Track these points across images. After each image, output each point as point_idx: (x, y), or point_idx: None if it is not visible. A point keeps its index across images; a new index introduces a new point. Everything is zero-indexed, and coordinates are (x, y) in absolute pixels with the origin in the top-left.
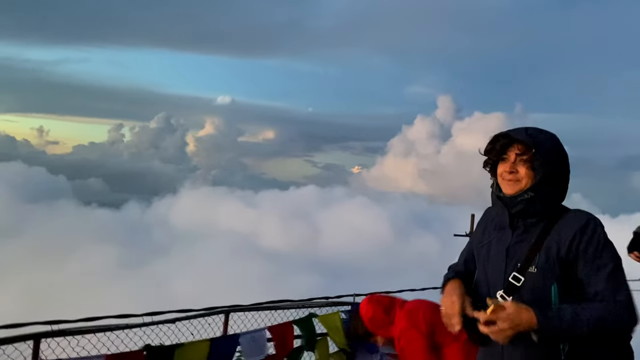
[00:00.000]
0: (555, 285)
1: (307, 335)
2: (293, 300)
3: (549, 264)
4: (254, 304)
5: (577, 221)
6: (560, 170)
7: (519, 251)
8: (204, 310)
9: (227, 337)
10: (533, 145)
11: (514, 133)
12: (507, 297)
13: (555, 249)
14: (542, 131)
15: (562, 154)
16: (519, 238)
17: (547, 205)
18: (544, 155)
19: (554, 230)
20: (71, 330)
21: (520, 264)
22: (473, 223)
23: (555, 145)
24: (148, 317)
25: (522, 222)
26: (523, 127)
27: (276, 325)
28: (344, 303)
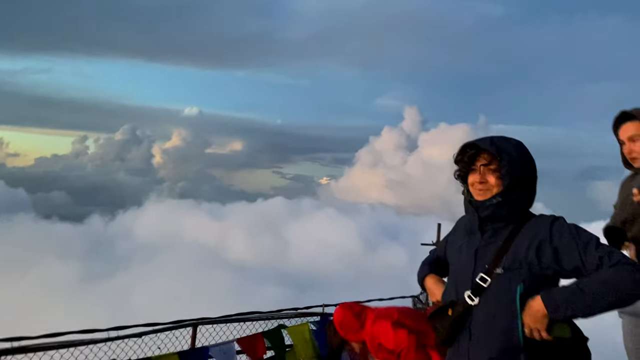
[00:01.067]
0: (520, 286)
1: (277, 347)
2: (262, 311)
3: (515, 266)
4: (222, 316)
5: (544, 221)
6: (527, 175)
7: (487, 253)
8: (171, 323)
9: (195, 350)
10: (498, 154)
11: (481, 143)
12: (474, 298)
13: (523, 251)
14: (508, 139)
15: (527, 161)
16: (487, 241)
17: (514, 210)
18: (509, 163)
19: (521, 233)
20: (33, 346)
21: (488, 265)
22: (440, 232)
23: (521, 152)
24: (113, 332)
25: (490, 225)
26: (489, 136)
27: (245, 337)
28: (313, 314)
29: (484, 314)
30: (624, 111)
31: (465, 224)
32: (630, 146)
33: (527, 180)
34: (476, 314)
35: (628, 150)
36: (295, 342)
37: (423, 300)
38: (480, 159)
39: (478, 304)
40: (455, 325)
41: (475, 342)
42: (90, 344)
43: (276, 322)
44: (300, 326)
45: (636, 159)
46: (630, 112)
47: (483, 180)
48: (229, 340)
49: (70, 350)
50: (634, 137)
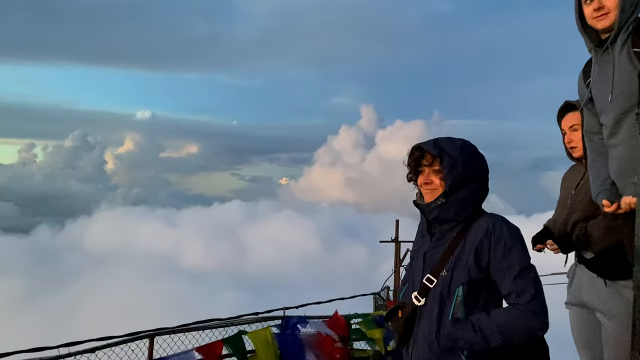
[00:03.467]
0: (460, 288)
1: (238, 354)
2: (221, 318)
3: (458, 268)
4: (180, 326)
5: (484, 224)
6: (471, 174)
7: (435, 256)
8: (126, 336)
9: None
10: (439, 155)
11: (424, 145)
12: (420, 299)
13: (466, 253)
14: (452, 140)
15: (471, 159)
16: (435, 244)
17: (460, 209)
18: (450, 163)
19: (468, 234)
20: None
21: (434, 267)
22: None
23: (465, 151)
24: (64, 349)
25: (438, 227)
26: (435, 138)
27: (205, 345)
28: (274, 317)
29: (427, 315)
30: (568, 101)
31: (421, 229)
32: (570, 135)
33: (472, 178)
34: (422, 315)
35: (568, 140)
36: (256, 347)
37: (384, 297)
38: (425, 160)
39: (424, 304)
40: (406, 327)
41: (419, 343)
42: None
43: (236, 328)
44: (261, 331)
45: (575, 149)
46: (573, 102)
47: (428, 181)
48: (187, 349)
49: None
50: (574, 127)
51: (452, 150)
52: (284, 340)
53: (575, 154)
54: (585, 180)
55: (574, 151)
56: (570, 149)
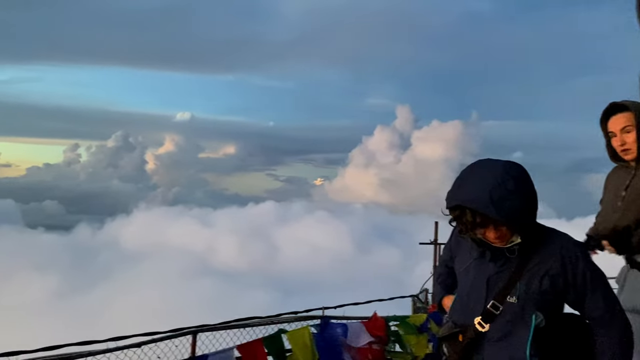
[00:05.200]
0: (534, 315)
1: (277, 352)
2: (261, 317)
3: (529, 294)
4: (221, 323)
5: (555, 247)
6: (532, 208)
7: (500, 281)
8: (171, 331)
9: (195, 358)
10: (506, 222)
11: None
12: (484, 325)
13: (537, 280)
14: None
15: (528, 195)
16: (500, 268)
17: (528, 237)
18: (520, 221)
19: (534, 259)
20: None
21: (500, 293)
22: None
23: (522, 195)
24: (112, 343)
25: (497, 256)
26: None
27: (245, 343)
28: (312, 317)
29: (495, 342)
30: (614, 103)
31: (471, 245)
32: (622, 137)
33: (533, 210)
34: (487, 341)
35: (620, 142)
36: (294, 346)
37: (422, 299)
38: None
39: (489, 331)
40: (466, 351)
41: None
42: (89, 356)
43: (276, 327)
44: (300, 330)
45: (629, 151)
46: (621, 103)
47: (497, 237)
48: (228, 347)
49: None
50: (627, 128)
51: (515, 204)
52: (322, 340)
53: (628, 157)
54: (636, 180)
55: (626, 154)
56: (622, 151)
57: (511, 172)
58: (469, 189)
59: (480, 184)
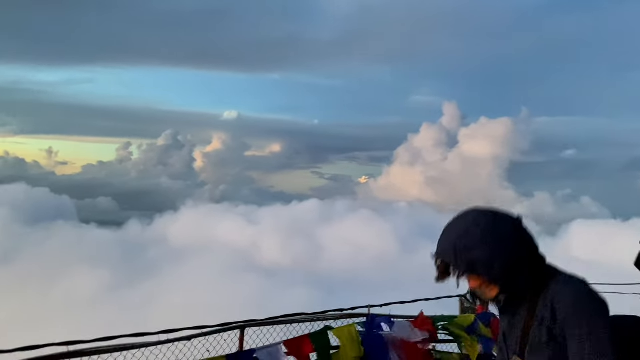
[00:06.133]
0: None
1: (323, 349)
2: (307, 313)
3: (537, 348)
4: (268, 318)
5: (550, 297)
6: (510, 259)
7: (514, 335)
8: (219, 326)
9: (243, 352)
10: (469, 271)
11: (447, 258)
12: None
13: (538, 332)
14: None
15: (500, 245)
16: (511, 322)
17: (522, 291)
18: (484, 270)
19: (539, 309)
20: (87, 350)
21: (515, 348)
22: None
23: (492, 246)
24: (164, 335)
25: (510, 308)
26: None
27: (292, 339)
28: (359, 315)
29: None
30: None
31: None
32: None
33: (513, 260)
34: None
35: None
36: (341, 343)
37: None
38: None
39: None
40: None
41: None
42: (142, 348)
43: (322, 323)
44: (346, 327)
45: None
46: None
47: (475, 288)
48: (276, 342)
49: (123, 353)
50: None
51: (478, 252)
52: (368, 338)
53: None
54: None
55: None
56: None
57: (479, 222)
58: (441, 238)
59: (449, 234)
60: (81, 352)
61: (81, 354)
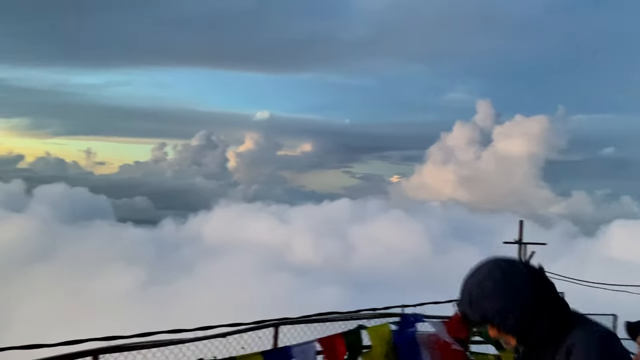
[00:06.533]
0: None
1: (356, 347)
2: (340, 312)
3: None
4: (302, 317)
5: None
6: (531, 309)
7: None
8: (254, 323)
9: (278, 349)
10: (483, 321)
11: (464, 309)
12: None
13: None
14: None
15: (519, 299)
16: None
17: (542, 341)
18: (498, 322)
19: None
20: (127, 345)
21: None
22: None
23: (508, 296)
24: (200, 332)
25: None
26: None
27: (326, 337)
28: (392, 314)
29: None
30: None
31: None
32: None
33: (530, 313)
34: None
35: None
36: (374, 343)
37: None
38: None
39: None
40: None
41: None
42: (179, 344)
43: (354, 322)
44: (380, 327)
45: None
46: None
47: (496, 337)
48: (310, 340)
49: (161, 349)
50: None
51: (491, 304)
52: (402, 338)
53: None
54: None
55: None
56: None
57: (494, 273)
58: (460, 289)
59: (465, 284)
60: (121, 347)
61: (121, 349)
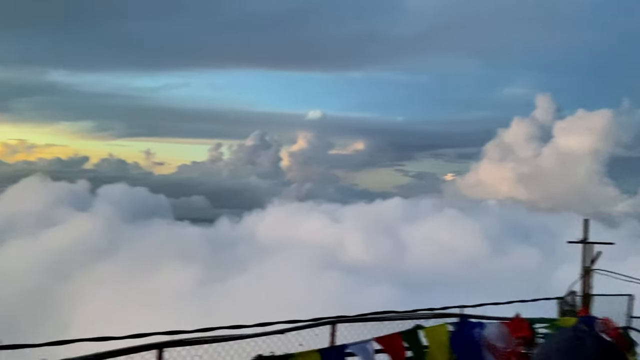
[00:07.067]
0: None
1: (415, 348)
2: (397, 311)
3: None
4: (359, 315)
5: None
6: None
7: None
8: (311, 320)
9: (336, 347)
10: None
11: None
12: None
13: None
14: None
15: None
16: None
17: None
18: None
19: None
20: (190, 340)
21: None
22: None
23: None
24: (259, 328)
25: None
26: None
27: (384, 336)
28: (450, 315)
29: None
30: None
31: None
32: None
33: None
34: None
35: None
36: (431, 343)
37: (570, 302)
38: None
39: None
40: None
41: None
42: (239, 339)
43: (411, 322)
44: (438, 327)
45: None
46: None
47: None
48: (368, 339)
49: (221, 344)
50: None
51: None
52: (460, 339)
53: None
54: None
55: None
56: None
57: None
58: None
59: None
60: (184, 341)
61: (184, 343)
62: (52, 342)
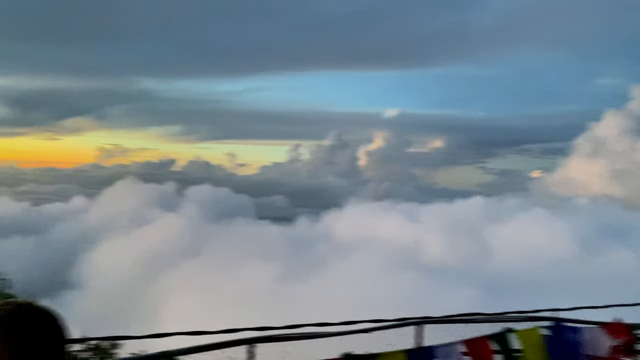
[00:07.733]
0: None
1: (505, 352)
2: (486, 313)
3: None
4: (445, 316)
5: None
6: None
7: None
8: (397, 320)
9: (423, 348)
10: None
11: None
12: None
13: None
14: None
15: None
16: None
17: None
18: None
19: None
20: (279, 336)
21: None
22: None
23: None
24: (345, 326)
25: None
26: None
27: (472, 339)
28: (541, 318)
29: None
30: None
31: None
32: None
33: None
34: None
35: None
36: (524, 347)
37: None
38: None
39: None
40: None
41: None
42: (327, 337)
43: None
44: (530, 331)
45: None
46: None
47: None
48: (454, 342)
49: (309, 341)
50: None
51: None
52: (555, 344)
53: None
54: None
55: None
56: None
57: None
58: None
59: None
60: (274, 337)
61: (274, 339)
62: (150, 334)
